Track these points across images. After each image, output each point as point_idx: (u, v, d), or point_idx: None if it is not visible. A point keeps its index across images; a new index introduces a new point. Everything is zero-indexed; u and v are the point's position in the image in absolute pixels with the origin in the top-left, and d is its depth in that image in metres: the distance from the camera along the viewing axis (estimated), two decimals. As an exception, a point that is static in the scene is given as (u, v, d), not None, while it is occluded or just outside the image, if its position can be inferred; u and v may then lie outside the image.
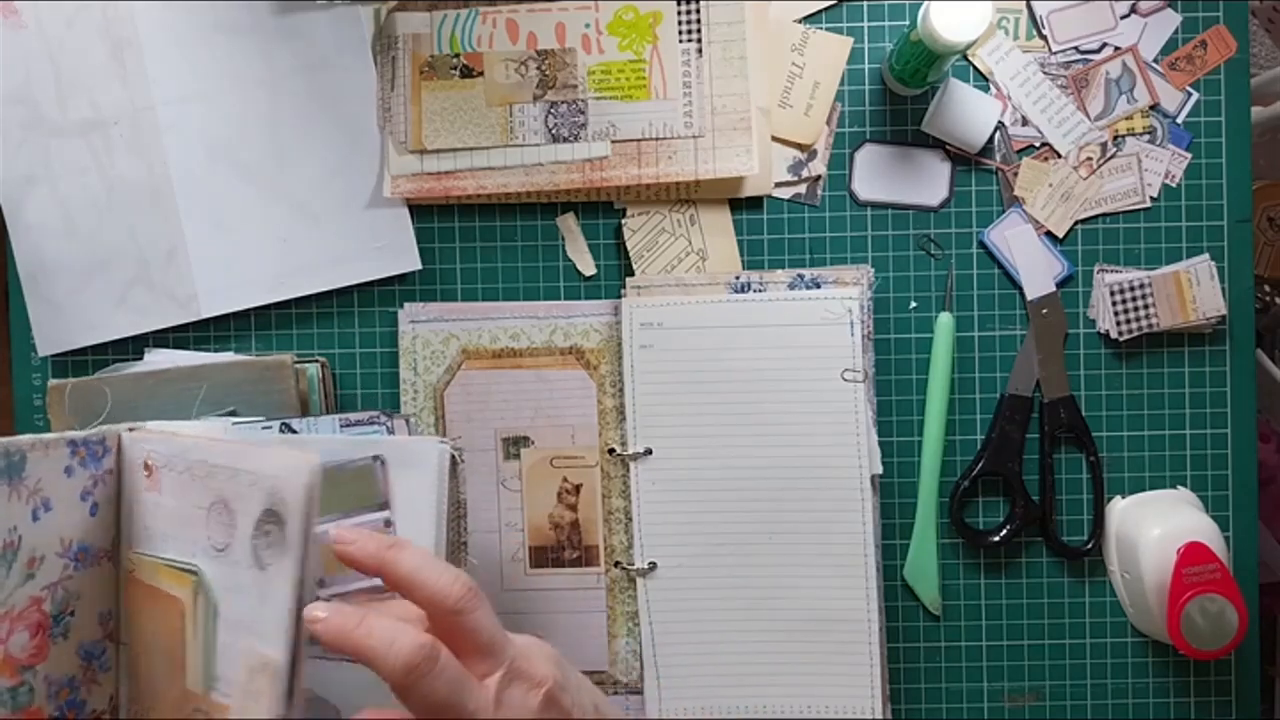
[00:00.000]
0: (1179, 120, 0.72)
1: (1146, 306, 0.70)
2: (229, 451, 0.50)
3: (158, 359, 0.72)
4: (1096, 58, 0.71)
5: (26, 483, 0.50)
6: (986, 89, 0.72)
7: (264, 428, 0.60)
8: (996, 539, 0.71)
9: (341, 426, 0.61)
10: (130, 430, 0.56)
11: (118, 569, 0.55)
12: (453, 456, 0.59)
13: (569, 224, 0.73)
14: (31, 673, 0.51)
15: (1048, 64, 0.72)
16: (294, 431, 0.59)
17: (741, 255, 0.72)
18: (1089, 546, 0.71)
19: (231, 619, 0.49)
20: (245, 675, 0.47)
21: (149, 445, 0.54)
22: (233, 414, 0.66)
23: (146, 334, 0.73)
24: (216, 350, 0.73)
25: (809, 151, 0.72)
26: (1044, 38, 0.71)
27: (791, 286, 0.71)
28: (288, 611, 0.46)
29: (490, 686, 0.44)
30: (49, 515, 0.51)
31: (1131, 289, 0.71)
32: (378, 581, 0.48)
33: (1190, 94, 0.71)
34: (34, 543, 0.50)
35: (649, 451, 0.70)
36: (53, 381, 0.69)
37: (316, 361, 0.71)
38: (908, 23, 0.70)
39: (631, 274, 0.72)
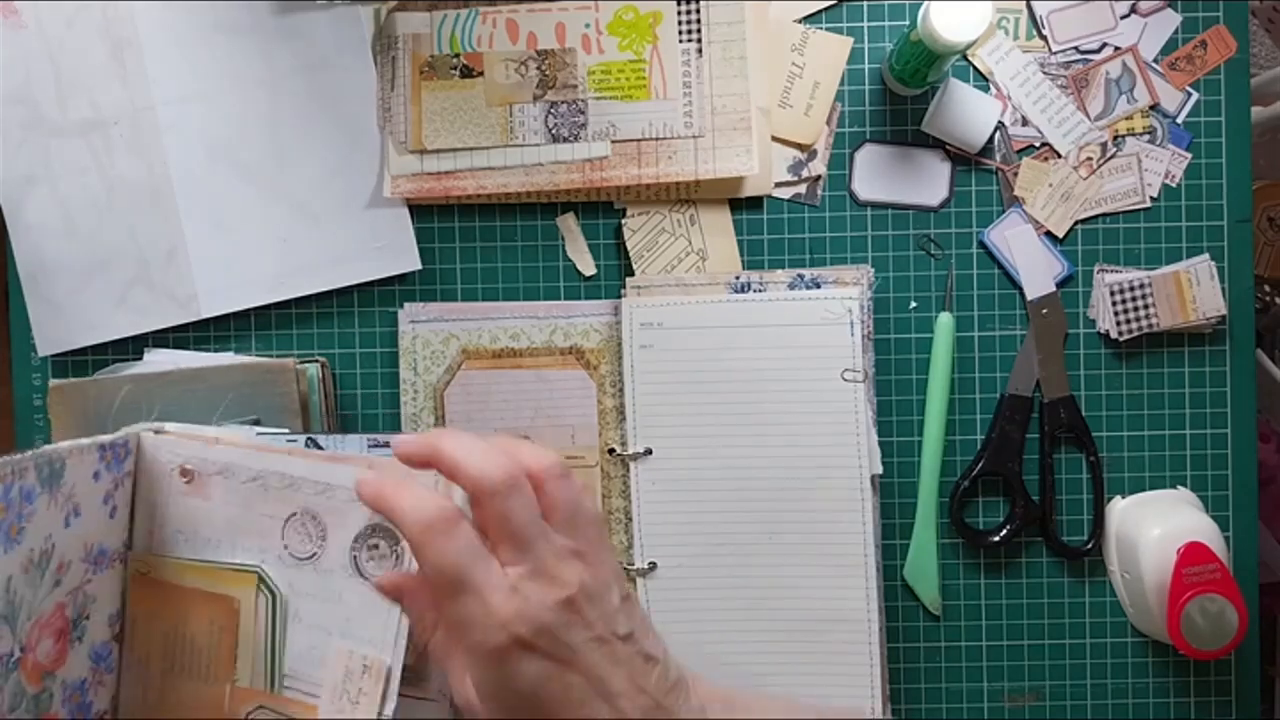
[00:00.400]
0: (1179, 120, 0.72)
1: (1146, 306, 0.70)
2: (315, 466, 0.53)
3: (158, 359, 0.72)
4: (1096, 58, 0.71)
5: (63, 490, 0.50)
6: (986, 89, 0.72)
7: (289, 440, 0.59)
8: (996, 539, 0.71)
9: (369, 446, 0.60)
10: (156, 433, 0.56)
11: (125, 569, 0.56)
12: None
13: (569, 224, 0.73)
14: (51, 678, 0.51)
15: (1048, 64, 0.71)
16: (320, 448, 0.59)
17: (741, 255, 0.72)
18: (1089, 546, 0.71)
19: (315, 623, 0.52)
20: (342, 676, 0.50)
21: (186, 450, 0.55)
22: (256, 423, 0.65)
23: (146, 334, 0.73)
24: (216, 350, 0.73)
25: (809, 151, 0.72)
26: (1044, 38, 0.71)
27: (791, 286, 0.71)
28: (398, 619, 0.49)
29: (509, 574, 0.44)
30: (77, 521, 0.51)
31: (1131, 289, 0.71)
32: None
33: (1190, 94, 0.71)
34: (63, 549, 0.50)
35: (649, 451, 0.70)
36: (53, 381, 0.69)
37: (316, 362, 0.70)
38: (908, 23, 0.70)
39: (631, 274, 0.72)
